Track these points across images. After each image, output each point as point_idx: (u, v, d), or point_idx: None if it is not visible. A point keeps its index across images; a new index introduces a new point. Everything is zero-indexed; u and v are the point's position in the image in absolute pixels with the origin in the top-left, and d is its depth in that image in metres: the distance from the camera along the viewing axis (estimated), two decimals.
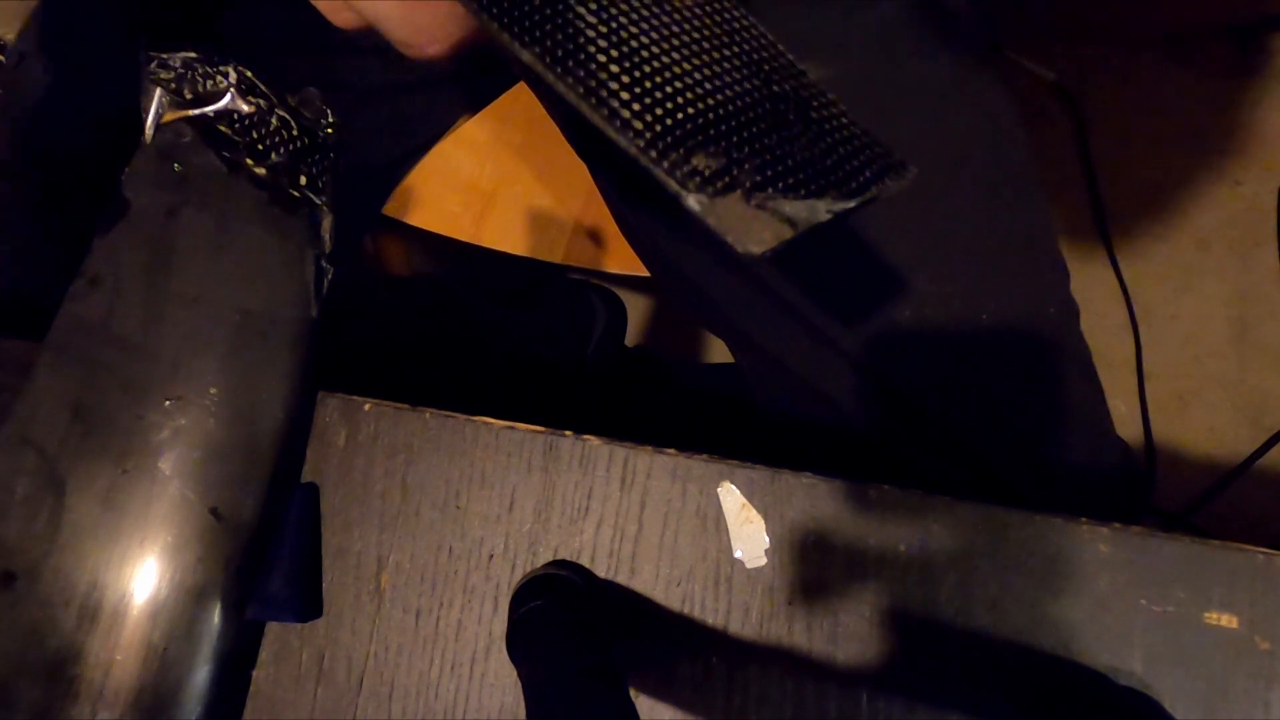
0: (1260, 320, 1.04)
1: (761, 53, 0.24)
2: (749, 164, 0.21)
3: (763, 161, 0.22)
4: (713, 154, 0.21)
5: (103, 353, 0.38)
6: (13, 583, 0.36)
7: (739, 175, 0.21)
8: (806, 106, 0.24)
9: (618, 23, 0.22)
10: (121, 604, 0.36)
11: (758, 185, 0.21)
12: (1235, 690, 0.32)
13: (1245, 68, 1.07)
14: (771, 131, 0.22)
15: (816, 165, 0.22)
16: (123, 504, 0.37)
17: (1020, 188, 0.42)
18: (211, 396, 0.38)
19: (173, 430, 0.38)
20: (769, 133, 0.22)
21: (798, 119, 0.23)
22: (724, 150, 0.21)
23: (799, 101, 0.24)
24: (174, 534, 0.37)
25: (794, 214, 0.21)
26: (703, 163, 0.21)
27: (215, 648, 0.37)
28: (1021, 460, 0.40)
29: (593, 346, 0.58)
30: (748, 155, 0.21)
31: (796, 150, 0.22)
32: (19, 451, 0.37)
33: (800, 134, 0.23)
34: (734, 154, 0.21)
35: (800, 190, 0.22)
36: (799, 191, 0.21)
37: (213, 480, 0.37)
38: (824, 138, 0.23)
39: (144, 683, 0.36)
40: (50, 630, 0.36)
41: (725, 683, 0.35)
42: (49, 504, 0.37)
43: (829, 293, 0.40)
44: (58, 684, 0.36)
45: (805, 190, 0.22)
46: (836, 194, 0.22)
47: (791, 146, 0.22)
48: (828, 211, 0.21)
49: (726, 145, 0.21)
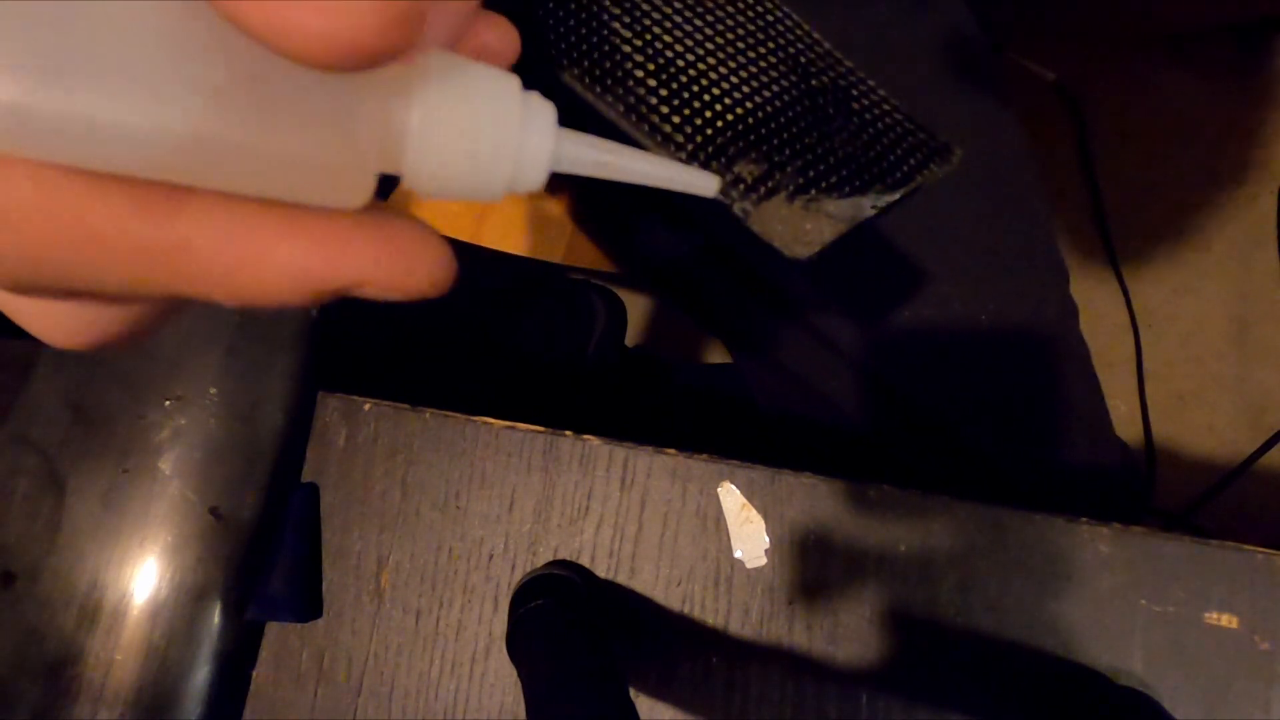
0: (1260, 320, 1.04)
1: (798, 44, 0.24)
2: (791, 166, 0.21)
3: (804, 162, 0.21)
4: (754, 159, 0.21)
5: (102, 352, 0.38)
6: (13, 583, 0.36)
7: (782, 179, 0.21)
8: (846, 97, 0.23)
9: (652, 34, 0.21)
10: (121, 604, 0.36)
11: (801, 187, 0.21)
12: (1235, 690, 0.32)
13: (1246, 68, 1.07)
14: (812, 129, 0.22)
15: (859, 159, 0.22)
16: (123, 504, 0.37)
17: (1020, 188, 0.42)
18: (211, 396, 0.38)
19: (173, 430, 0.38)
20: (809, 130, 0.22)
21: (838, 112, 0.23)
22: (765, 154, 0.21)
23: (838, 93, 0.23)
24: (174, 534, 0.37)
25: (838, 212, 0.21)
26: (745, 170, 0.21)
27: (215, 648, 0.37)
28: (1021, 460, 0.41)
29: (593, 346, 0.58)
30: (789, 157, 0.21)
31: (838, 146, 0.22)
32: (19, 451, 0.37)
33: (841, 128, 0.23)
34: (775, 157, 0.21)
35: (844, 187, 0.21)
36: (843, 189, 0.21)
37: (213, 480, 0.37)
38: (866, 129, 0.23)
39: (144, 683, 0.36)
40: (50, 630, 0.36)
41: (725, 683, 0.35)
42: (49, 504, 0.37)
43: (828, 294, 0.40)
44: (58, 684, 0.36)
45: (849, 187, 0.21)
46: (881, 187, 0.22)
47: (833, 142, 0.22)
48: (872, 206, 0.21)
49: (768, 149, 0.21)
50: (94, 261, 0.11)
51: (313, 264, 0.11)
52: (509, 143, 0.12)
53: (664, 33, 0.21)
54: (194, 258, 0.11)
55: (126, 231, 0.11)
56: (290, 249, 0.11)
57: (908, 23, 0.40)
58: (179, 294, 0.12)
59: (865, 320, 0.40)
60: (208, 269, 0.11)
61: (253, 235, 0.11)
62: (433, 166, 0.12)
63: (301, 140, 0.11)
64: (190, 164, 0.10)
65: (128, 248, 0.11)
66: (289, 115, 0.11)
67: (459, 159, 0.12)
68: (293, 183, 0.11)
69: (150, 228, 0.11)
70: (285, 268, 0.11)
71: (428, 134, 0.11)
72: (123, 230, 0.11)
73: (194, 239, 0.11)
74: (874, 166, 0.22)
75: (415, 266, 0.12)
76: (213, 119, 0.10)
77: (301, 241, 0.11)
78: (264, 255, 0.11)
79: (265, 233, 0.11)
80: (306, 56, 0.10)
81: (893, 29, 0.40)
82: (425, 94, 0.11)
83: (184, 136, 0.10)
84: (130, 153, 0.10)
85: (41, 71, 0.09)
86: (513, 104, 0.12)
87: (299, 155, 0.11)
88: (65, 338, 0.13)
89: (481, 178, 0.12)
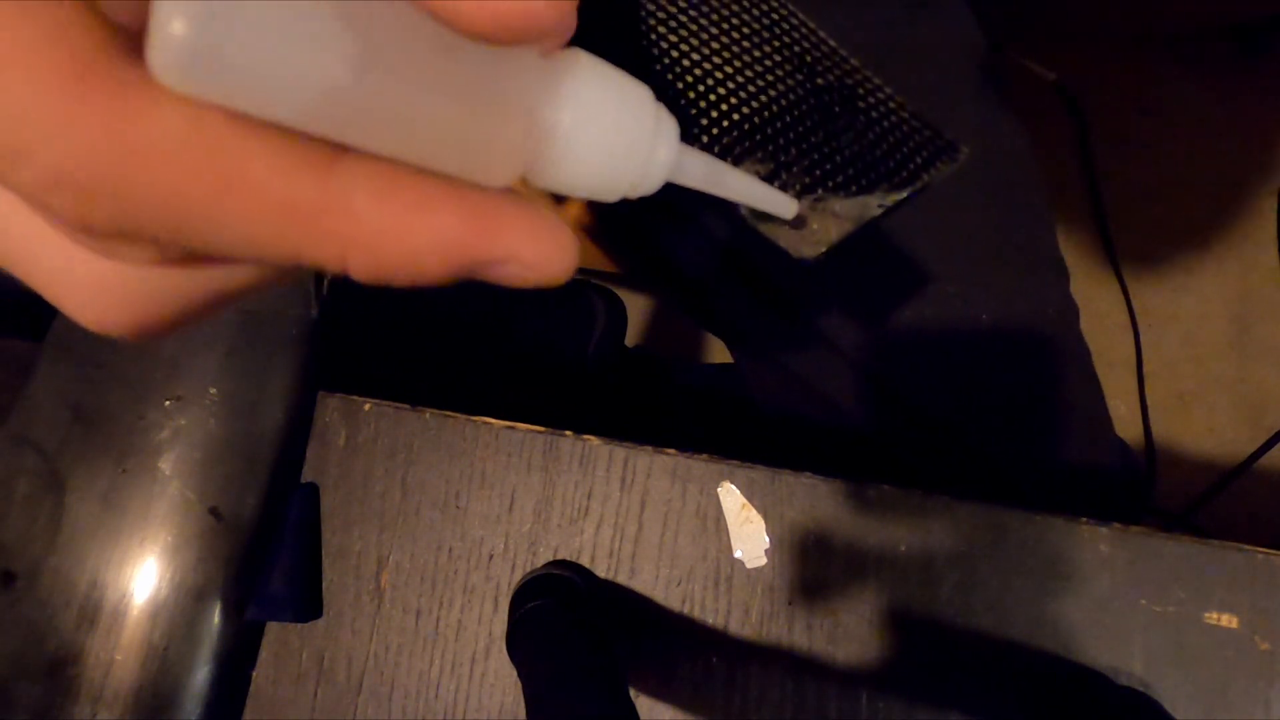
0: (1260, 320, 1.04)
1: (804, 43, 0.24)
2: (797, 166, 0.21)
3: (811, 162, 0.21)
4: (761, 160, 0.21)
5: (103, 353, 0.38)
6: (13, 583, 0.36)
7: (788, 179, 0.21)
8: (853, 95, 0.23)
9: (658, 33, 0.21)
10: (121, 604, 0.36)
11: (807, 187, 0.21)
12: (1235, 690, 0.32)
13: (1245, 68, 1.07)
14: (818, 128, 0.22)
15: (865, 158, 0.22)
16: (123, 504, 0.37)
17: (1020, 188, 0.42)
18: (211, 396, 0.38)
19: (173, 430, 0.38)
20: (816, 129, 0.22)
21: (844, 110, 0.23)
22: (772, 154, 0.21)
23: (844, 91, 0.23)
24: (174, 534, 0.37)
25: (845, 212, 0.21)
26: (752, 170, 0.21)
27: (215, 648, 0.37)
28: (1022, 460, 0.40)
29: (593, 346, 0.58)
30: (795, 157, 0.21)
31: (844, 145, 0.22)
32: (19, 451, 0.37)
33: (847, 126, 0.23)
34: (781, 157, 0.21)
35: (850, 186, 0.21)
36: (849, 188, 0.21)
37: (213, 480, 0.37)
38: (872, 127, 0.23)
39: (144, 683, 0.36)
40: (50, 630, 0.36)
41: (725, 683, 0.35)
42: (49, 504, 0.37)
43: (829, 293, 0.40)
44: (58, 684, 0.36)
45: (855, 186, 0.21)
46: (887, 186, 0.22)
47: (839, 141, 0.22)
48: (879, 205, 0.21)
49: (774, 149, 0.21)
50: (231, 212, 0.10)
51: (468, 235, 0.11)
52: (642, 151, 0.13)
53: (670, 32, 0.21)
54: (345, 218, 0.11)
55: (284, 184, 0.10)
56: (449, 217, 0.11)
57: (908, 23, 0.40)
58: (303, 259, 0.11)
59: (865, 320, 0.40)
60: (356, 231, 0.11)
61: (413, 198, 0.11)
62: (573, 162, 0.12)
63: (465, 112, 0.11)
64: (356, 118, 0.10)
65: (277, 200, 0.10)
66: (456, 85, 0.11)
67: (598, 159, 0.12)
68: (449, 154, 0.11)
69: (309, 181, 0.10)
70: (439, 236, 0.11)
71: (577, 132, 0.12)
72: (280, 181, 0.10)
73: (353, 197, 0.11)
74: (880, 165, 0.22)
75: (554, 252, 0.12)
76: (381, 76, 0.10)
77: (462, 210, 0.11)
78: (421, 221, 0.11)
79: (426, 197, 0.11)
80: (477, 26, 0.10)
81: (893, 29, 0.40)
82: (577, 94, 0.12)
83: (353, 89, 0.10)
84: (301, 99, 0.10)
85: (214, 8, 0.09)
86: (649, 115, 0.13)
87: (460, 126, 0.11)
88: (98, 314, 0.12)
89: (611, 179, 0.13)
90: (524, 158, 0.12)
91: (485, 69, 0.11)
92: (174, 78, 0.09)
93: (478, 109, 0.11)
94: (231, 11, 0.09)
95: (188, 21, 0.09)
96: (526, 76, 0.12)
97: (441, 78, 0.11)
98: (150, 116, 0.09)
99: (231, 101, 0.10)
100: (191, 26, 0.09)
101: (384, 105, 0.11)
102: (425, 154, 0.11)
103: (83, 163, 0.09)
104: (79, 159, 0.09)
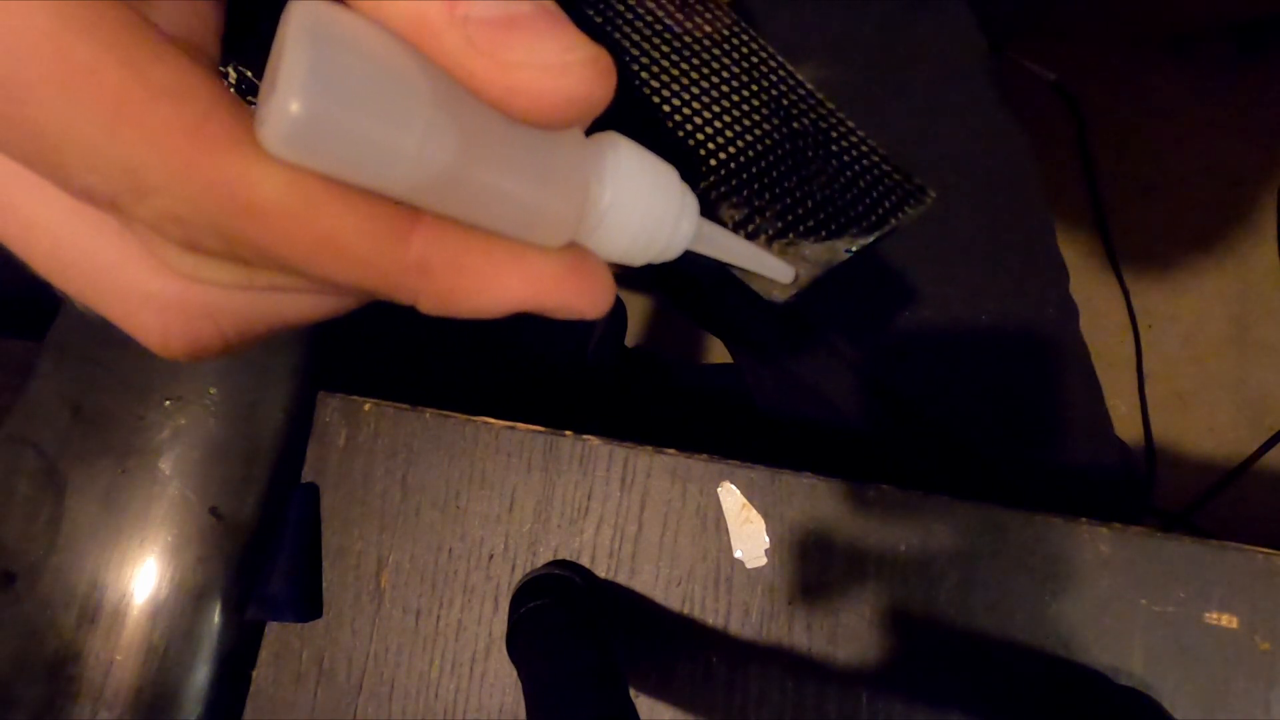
0: (1260, 320, 1.04)
1: (781, 86, 0.24)
2: (770, 211, 0.21)
3: (784, 206, 0.22)
4: (736, 204, 0.21)
5: (103, 353, 0.38)
6: (13, 583, 0.36)
7: (761, 223, 0.21)
8: (826, 139, 0.23)
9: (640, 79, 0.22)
10: (121, 604, 0.36)
11: (779, 231, 0.21)
12: (1235, 690, 0.32)
13: (1245, 67, 1.07)
14: (792, 172, 0.22)
15: (836, 202, 0.22)
16: (123, 504, 0.37)
17: (1020, 188, 0.42)
18: (211, 396, 0.38)
19: (173, 430, 0.38)
20: (789, 174, 0.22)
21: (817, 154, 0.23)
22: (746, 199, 0.21)
23: (818, 135, 0.23)
24: (174, 534, 0.37)
25: (814, 256, 0.21)
26: (727, 214, 0.21)
27: (215, 648, 0.37)
28: (1021, 460, 0.41)
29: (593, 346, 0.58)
30: (769, 202, 0.22)
31: (816, 189, 0.22)
32: (19, 451, 0.37)
33: (820, 170, 0.23)
34: (755, 202, 0.21)
35: (820, 231, 0.22)
36: (819, 232, 0.22)
37: (213, 480, 0.37)
38: (844, 171, 0.23)
39: (144, 683, 0.36)
40: (50, 630, 0.36)
41: (725, 683, 0.35)
42: (49, 504, 0.37)
43: (828, 295, 0.40)
44: (58, 684, 0.36)
45: (825, 230, 0.22)
46: (856, 230, 0.22)
47: (812, 185, 0.22)
48: (846, 250, 0.22)
49: (749, 194, 0.21)
50: (321, 265, 0.11)
51: (529, 295, 0.13)
52: (668, 225, 0.14)
53: (651, 78, 0.22)
54: (422, 277, 0.12)
55: (371, 247, 0.12)
56: (516, 281, 0.13)
57: (908, 23, 0.40)
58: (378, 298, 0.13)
59: (864, 319, 0.40)
60: (431, 288, 0.12)
61: (484, 263, 0.13)
62: (612, 234, 0.14)
63: (535, 190, 0.13)
64: (443, 193, 0.12)
65: (363, 259, 0.12)
66: (529, 166, 0.13)
67: (633, 232, 0.14)
68: (516, 223, 0.13)
69: (392, 244, 0.12)
70: (505, 296, 0.13)
71: (616, 210, 0.14)
72: (368, 245, 0.11)
73: (431, 261, 0.12)
74: (850, 209, 0.23)
75: (598, 298, 0.14)
76: (470, 159, 0.12)
77: (527, 275, 0.13)
78: (490, 282, 0.13)
79: (496, 262, 0.13)
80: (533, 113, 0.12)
81: (893, 29, 0.40)
82: (618, 175, 0.14)
83: (446, 171, 0.12)
84: (394, 175, 0.11)
85: (334, 92, 0.10)
86: (676, 195, 0.15)
87: (530, 201, 0.13)
88: (161, 333, 0.14)
89: (640, 249, 0.14)
90: (575, 227, 0.14)
91: (546, 151, 0.13)
92: (282, 149, 0.10)
93: (546, 188, 0.13)
94: (344, 98, 0.10)
95: (305, 104, 0.10)
96: (578, 156, 0.13)
97: (517, 159, 0.12)
98: (256, 176, 0.11)
99: (330, 171, 0.11)
100: (307, 109, 0.10)
101: (469, 183, 0.12)
102: (496, 223, 0.13)
103: (196, 210, 0.11)
104: (192, 206, 0.11)
